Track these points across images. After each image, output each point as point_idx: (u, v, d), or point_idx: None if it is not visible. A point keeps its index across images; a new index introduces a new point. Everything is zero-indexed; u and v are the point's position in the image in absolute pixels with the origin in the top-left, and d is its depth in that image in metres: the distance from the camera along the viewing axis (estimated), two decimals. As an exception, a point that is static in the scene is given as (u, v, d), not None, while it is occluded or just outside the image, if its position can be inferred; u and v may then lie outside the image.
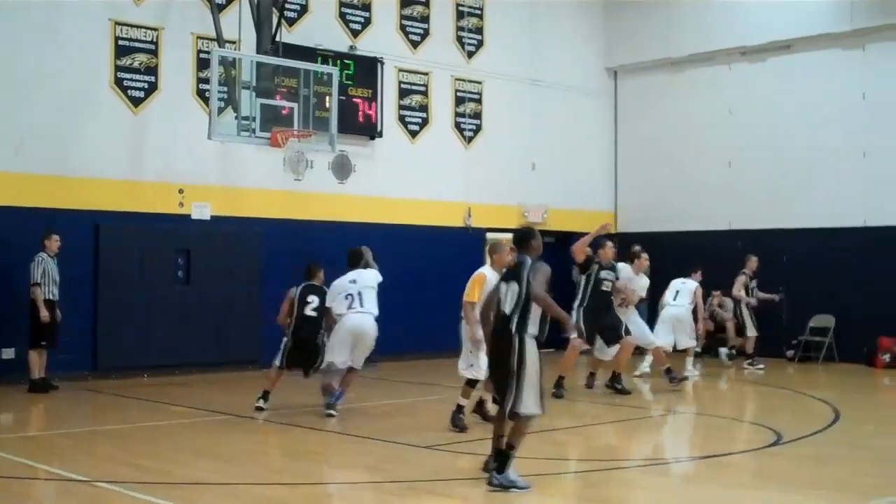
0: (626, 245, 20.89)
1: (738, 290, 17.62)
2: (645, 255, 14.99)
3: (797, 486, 8.44)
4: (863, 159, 18.40)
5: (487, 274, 10.10)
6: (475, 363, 10.28)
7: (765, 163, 19.64)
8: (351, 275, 11.71)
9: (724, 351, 18.26)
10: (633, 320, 14.18)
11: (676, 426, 12.32)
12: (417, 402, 13.44)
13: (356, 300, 11.40)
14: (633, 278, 14.47)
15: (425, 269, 18.17)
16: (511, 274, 8.16)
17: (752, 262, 17.74)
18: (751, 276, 17.79)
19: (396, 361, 16.82)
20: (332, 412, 11.32)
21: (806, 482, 8.54)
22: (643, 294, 15.21)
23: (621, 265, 14.26)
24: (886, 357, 17.42)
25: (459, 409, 10.53)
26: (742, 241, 19.43)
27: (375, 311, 11.49)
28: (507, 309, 7.98)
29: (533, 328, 7.90)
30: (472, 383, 10.48)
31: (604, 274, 13.48)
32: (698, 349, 17.16)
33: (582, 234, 13.67)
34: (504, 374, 7.86)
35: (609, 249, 13.73)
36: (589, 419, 11.47)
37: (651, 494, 8.38)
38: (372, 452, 9.68)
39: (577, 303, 13.42)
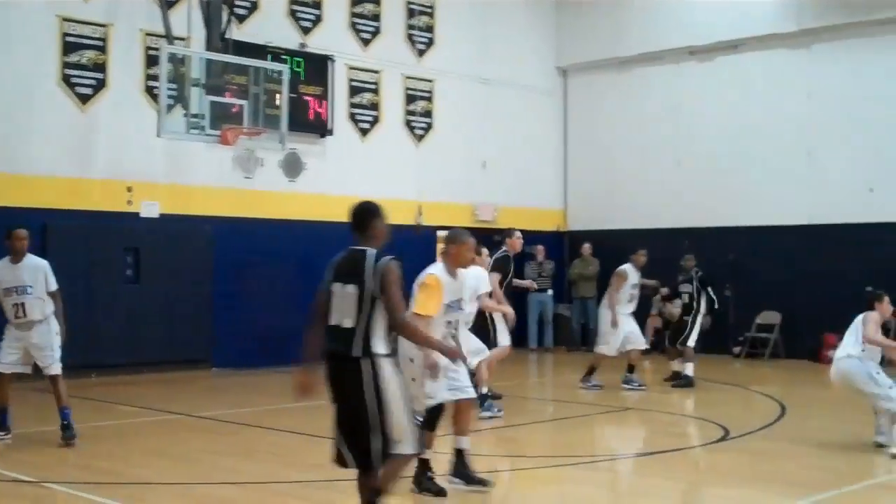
0: (576, 242, 21.15)
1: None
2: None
3: (743, 480, 8.59)
4: (808, 158, 18.68)
5: (441, 277, 7.74)
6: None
7: (712, 161, 19.87)
8: None
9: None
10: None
11: (625, 423, 12.43)
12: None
13: None
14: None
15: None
16: (345, 271, 6.03)
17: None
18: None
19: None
20: None
21: (751, 476, 8.69)
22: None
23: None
24: (831, 353, 17.61)
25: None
26: (690, 239, 19.62)
27: None
28: (347, 321, 5.93)
29: (382, 345, 5.92)
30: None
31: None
32: (647, 346, 17.28)
33: (533, 233, 13.66)
34: (354, 412, 5.90)
35: (517, 240, 12.70)
36: (537, 416, 11.54)
37: (597, 489, 8.47)
38: (325, 451, 9.67)
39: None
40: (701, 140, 20.06)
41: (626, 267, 14.64)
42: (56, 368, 9.90)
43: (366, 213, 6.22)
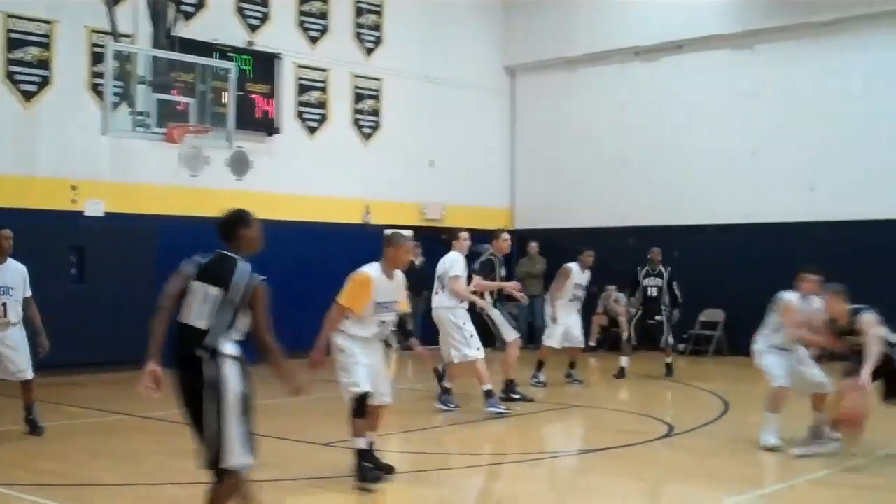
0: (523, 241, 21.26)
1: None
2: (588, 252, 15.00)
3: (686, 476, 8.74)
4: (751, 157, 18.95)
5: (375, 276, 8.10)
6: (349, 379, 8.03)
7: (657, 161, 20.09)
8: None
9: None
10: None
11: (571, 419, 12.54)
12: (314, 400, 13.39)
13: None
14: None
15: (323, 265, 18.12)
16: (212, 273, 5.92)
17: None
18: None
19: (295, 359, 16.73)
20: None
21: (695, 473, 8.83)
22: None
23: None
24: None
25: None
26: (635, 238, 19.84)
27: None
28: (200, 322, 5.83)
29: (232, 347, 5.83)
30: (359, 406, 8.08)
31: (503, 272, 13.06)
32: (592, 343, 17.53)
33: (481, 231, 13.75)
34: (198, 414, 5.80)
35: (504, 242, 12.88)
36: (480, 414, 11.60)
37: (539, 486, 8.56)
38: (268, 451, 9.66)
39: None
40: (646, 139, 20.27)
41: (572, 265, 14.76)
42: (30, 374, 10.06)
43: (231, 223, 6.10)
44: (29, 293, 10.16)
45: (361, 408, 7.90)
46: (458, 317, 11.76)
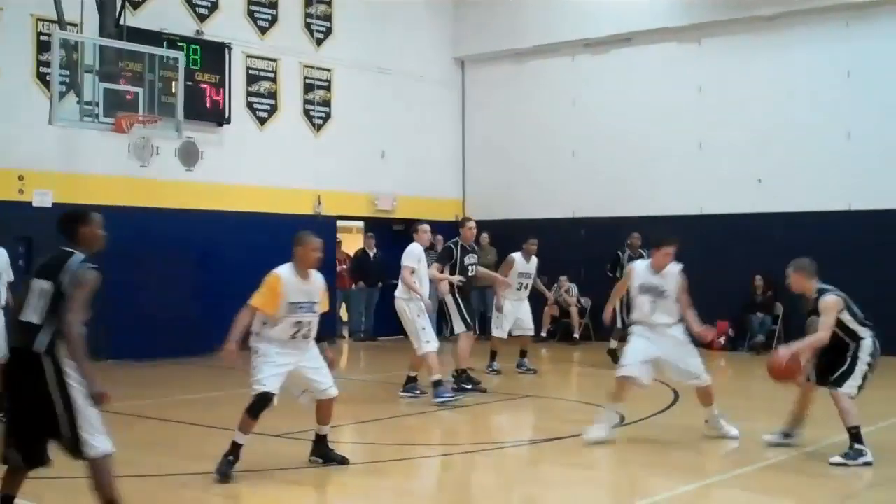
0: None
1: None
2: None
3: (636, 465, 8.82)
4: (699, 150, 19.15)
5: (285, 277, 8.01)
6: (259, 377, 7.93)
7: (606, 153, 20.23)
8: None
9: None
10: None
11: (522, 409, 12.60)
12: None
13: None
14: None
15: (275, 257, 18.04)
16: (47, 268, 5.97)
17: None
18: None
19: (246, 351, 16.65)
20: None
21: (645, 462, 8.91)
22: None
23: None
24: (721, 340, 18.20)
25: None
26: (585, 229, 20.01)
27: None
28: (35, 317, 5.83)
29: (65, 341, 5.80)
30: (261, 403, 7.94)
31: (468, 259, 13.15)
32: (543, 334, 17.63)
33: (432, 222, 13.78)
34: (33, 410, 5.80)
35: (469, 230, 13.18)
36: (432, 405, 11.64)
37: (492, 476, 8.61)
38: (222, 443, 9.63)
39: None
40: (596, 131, 20.39)
41: (515, 255, 14.93)
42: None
43: (70, 220, 6.18)
44: (11, 277, 10.14)
45: (259, 408, 7.84)
46: (412, 309, 11.92)
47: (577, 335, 19.25)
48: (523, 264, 14.94)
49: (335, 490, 7.96)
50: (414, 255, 12.05)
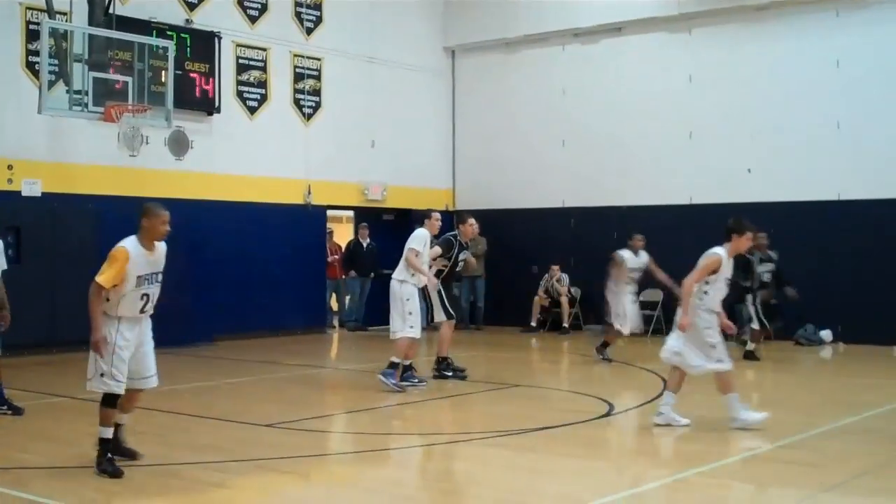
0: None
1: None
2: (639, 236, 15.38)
3: (627, 454, 8.87)
4: (689, 139, 19.18)
5: (131, 249, 7.80)
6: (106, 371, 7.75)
7: (596, 142, 20.24)
8: None
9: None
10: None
11: (512, 399, 12.61)
12: (257, 381, 13.39)
13: None
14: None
15: (265, 246, 18.07)
16: None
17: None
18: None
19: (235, 340, 16.68)
20: None
21: (635, 450, 8.96)
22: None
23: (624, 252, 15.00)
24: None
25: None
26: (575, 219, 20.03)
27: None
28: None
29: None
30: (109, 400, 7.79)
31: (462, 255, 13.25)
32: (533, 324, 17.65)
33: (421, 211, 13.78)
34: None
35: (470, 227, 13.34)
36: (428, 394, 11.66)
37: (480, 465, 8.61)
38: (213, 432, 9.64)
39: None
40: (586, 121, 20.40)
41: (623, 252, 15.14)
42: None
43: None
44: (5, 266, 10.08)
45: (113, 399, 7.73)
46: (405, 292, 11.96)
47: (566, 324, 19.31)
48: (633, 259, 15.15)
49: (325, 479, 7.96)
50: (421, 239, 12.16)
